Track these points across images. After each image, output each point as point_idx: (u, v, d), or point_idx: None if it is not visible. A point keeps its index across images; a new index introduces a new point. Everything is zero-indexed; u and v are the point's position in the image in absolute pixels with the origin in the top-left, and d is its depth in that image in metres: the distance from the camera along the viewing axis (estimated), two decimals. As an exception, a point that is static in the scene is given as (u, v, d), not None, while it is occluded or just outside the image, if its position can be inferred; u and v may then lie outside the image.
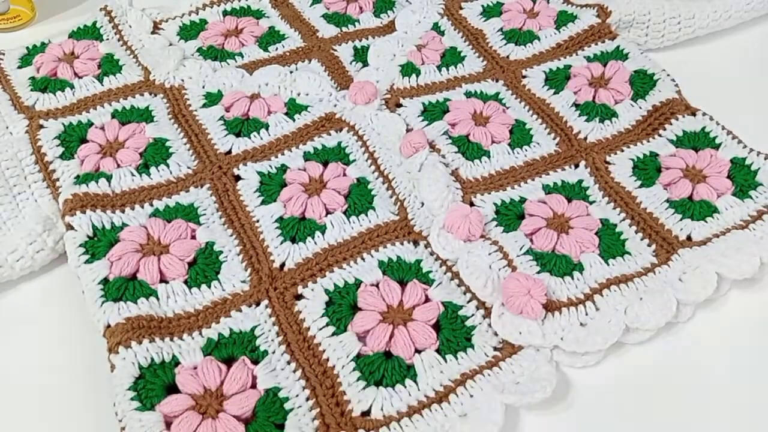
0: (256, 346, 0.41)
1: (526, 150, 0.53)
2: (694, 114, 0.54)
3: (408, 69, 0.60)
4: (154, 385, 0.38)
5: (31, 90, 0.57)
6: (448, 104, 0.56)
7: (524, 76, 0.59)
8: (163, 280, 0.44)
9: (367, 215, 0.48)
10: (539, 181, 0.51)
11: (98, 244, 0.45)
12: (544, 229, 0.47)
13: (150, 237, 0.46)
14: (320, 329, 0.41)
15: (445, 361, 0.40)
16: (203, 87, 0.58)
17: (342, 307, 0.42)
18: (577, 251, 0.46)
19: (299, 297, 0.43)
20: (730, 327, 0.44)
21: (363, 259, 0.45)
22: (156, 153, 0.52)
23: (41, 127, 0.53)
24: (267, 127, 0.54)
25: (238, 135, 0.54)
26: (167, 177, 0.51)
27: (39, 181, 0.50)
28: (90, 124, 0.54)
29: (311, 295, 0.43)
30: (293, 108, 0.56)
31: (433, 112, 0.55)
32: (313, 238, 0.46)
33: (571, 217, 0.48)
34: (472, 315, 0.42)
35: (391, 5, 0.68)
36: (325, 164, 0.51)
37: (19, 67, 0.60)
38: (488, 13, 0.66)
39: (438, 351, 0.40)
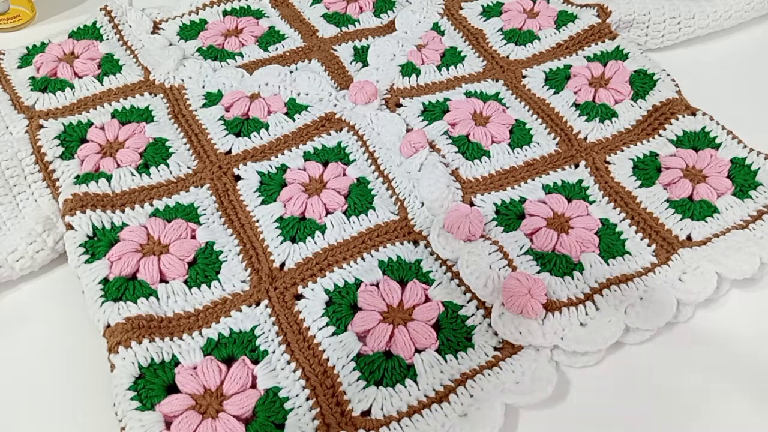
0: (256, 346, 0.41)
1: (526, 150, 0.53)
2: (694, 114, 0.54)
3: (408, 69, 0.60)
4: (154, 385, 0.38)
5: (31, 90, 0.57)
6: (448, 104, 0.56)
7: (524, 76, 0.59)
8: (163, 280, 0.44)
9: (367, 215, 0.48)
10: (539, 181, 0.51)
11: (98, 244, 0.45)
12: (544, 228, 0.47)
13: (150, 237, 0.46)
14: (320, 329, 0.41)
15: (446, 361, 0.40)
16: (203, 87, 0.58)
17: (342, 307, 0.42)
18: (577, 251, 0.46)
19: (299, 297, 0.43)
20: (730, 327, 0.44)
21: (363, 259, 0.45)
22: (156, 153, 0.52)
23: (41, 127, 0.53)
24: (267, 127, 0.54)
25: (238, 135, 0.54)
26: (167, 177, 0.51)
27: (39, 181, 0.50)
28: (90, 124, 0.54)
29: (311, 294, 0.43)
30: (293, 108, 0.56)
31: (433, 112, 0.55)
32: (313, 238, 0.46)
33: (571, 217, 0.48)
34: (472, 315, 0.43)
35: (391, 5, 0.68)
36: (325, 164, 0.51)
37: (19, 67, 0.60)
38: (488, 13, 0.66)
39: (438, 351, 0.41)
